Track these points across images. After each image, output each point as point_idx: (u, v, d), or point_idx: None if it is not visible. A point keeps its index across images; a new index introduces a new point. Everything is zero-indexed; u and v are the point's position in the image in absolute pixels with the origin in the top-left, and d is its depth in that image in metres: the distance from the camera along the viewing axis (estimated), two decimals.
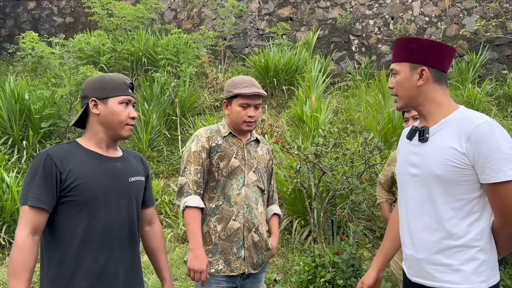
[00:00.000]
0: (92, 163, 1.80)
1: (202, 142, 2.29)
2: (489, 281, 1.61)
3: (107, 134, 1.86)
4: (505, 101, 7.17)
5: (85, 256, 1.74)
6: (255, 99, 2.30)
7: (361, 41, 8.69)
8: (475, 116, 1.61)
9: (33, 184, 1.68)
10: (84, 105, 1.85)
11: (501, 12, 8.06)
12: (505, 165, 1.51)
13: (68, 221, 1.73)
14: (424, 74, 1.69)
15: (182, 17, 9.51)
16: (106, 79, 1.87)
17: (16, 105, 6.48)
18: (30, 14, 10.41)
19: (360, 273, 3.42)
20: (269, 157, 2.51)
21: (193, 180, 2.25)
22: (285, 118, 6.81)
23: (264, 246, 2.32)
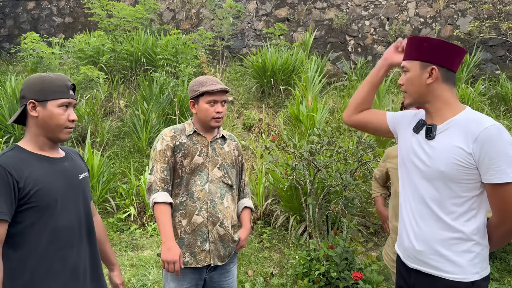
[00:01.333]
0: (43, 166, 1.79)
1: (166, 141, 2.39)
2: (481, 272, 1.71)
3: (46, 137, 1.83)
4: (497, 101, 7.31)
5: (54, 258, 1.76)
6: (221, 95, 2.40)
7: (357, 41, 8.82)
8: (483, 119, 1.67)
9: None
10: (23, 106, 1.81)
11: (495, 14, 8.20)
12: (508, 167, 1.59)
13: (31, 227, 1.71)
14: (433, 73, 1.75)
15: (180, 17, 9.62)
16: (46, 80, 1.81)
17: (17, 104, 6.58)
18: (29, 14, 10.50)
19: (353, 266, 3.55)
20: (237, 153, 2.59)
21: (160, 178, 2.34)
22: (282, 118, 6.93)
23: (230, 239, 2.39)
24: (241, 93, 7.84)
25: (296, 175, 3.92)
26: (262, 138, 6.42)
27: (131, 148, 6.52)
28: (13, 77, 7.08)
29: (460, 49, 1.77)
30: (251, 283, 3.80)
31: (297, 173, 3.92)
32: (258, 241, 4.84)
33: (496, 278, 4.00)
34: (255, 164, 5.80)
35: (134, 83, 8.00)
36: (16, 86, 6.73)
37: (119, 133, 6.85)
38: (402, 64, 1.86)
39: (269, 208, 5.24)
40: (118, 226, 5.15)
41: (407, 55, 1.84)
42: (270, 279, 4.04)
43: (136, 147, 6.50)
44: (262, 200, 5.17)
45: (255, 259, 4.44)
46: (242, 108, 7.47)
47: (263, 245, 4.74)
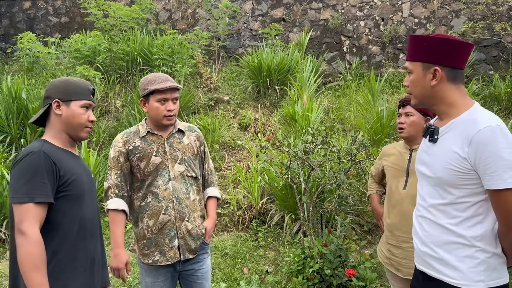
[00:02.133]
0: (71, 161, 1.94)
1: (119, 147, 2.39)
2: (488, 282, 1.60)
3: (68, 134, 1.99)
4: (490, 101, 7.39)
5: (79, 246, 1.89)
6: (171, 93, 2.38)
7: (352, 42, 8.88)
8: (480, 119, 1.57)
9: (36, 181, 1.74)
10: (47, 105, 1.96)
11: (488, 14, 8.29)
12: (505, 172, 1.49)
13: (63, 215, 1.84)
14: (437, 74, 1.66)
15: (176, 17, 9.65)
16: (71, 83, 1.98)
17: (14, 104, 6.59)
18: (25, 13, 10.50)
19: (347, 264, 3.60)
20: (199, 143, 2.56)
21: (114, 184, 2.36)
22: (277, 117, 6.98)
23: (199, 232, 2.45)
24: (237, 93, 7.88)
25: (290, 174, 3.97)
26: (257, 138, 6.46)
27: None
28: (9, 77, 7.10)
29: (466, 44, 1.66)
30: (246, 281, 3.84)
31: (291, 172, 3.97)
32: (254, 239, 4.89)
33: None
34: (250, 164, 5.85)
35: (130, 82, 8.03)
36: (12, 86, 6.74)
37: (116, 133, 6.88)
38: (405, 65, 1.78)
39: (265, 207, 5.29)
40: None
41: (409, 56, 1.75)
42: (265, 276, 4.09)
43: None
44: (258, 199, 5.21)
45: (250, 257, 4.49)
46: (238, 107, 7.51)
47: (258, 244, 4.79)
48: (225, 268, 4.28)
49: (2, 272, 4.17)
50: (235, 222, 5.21)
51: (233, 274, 4.13)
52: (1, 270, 4.21)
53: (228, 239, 4.88)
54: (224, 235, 5.04)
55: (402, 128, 2.61)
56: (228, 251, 4.60)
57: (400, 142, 2.82)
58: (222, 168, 6.16)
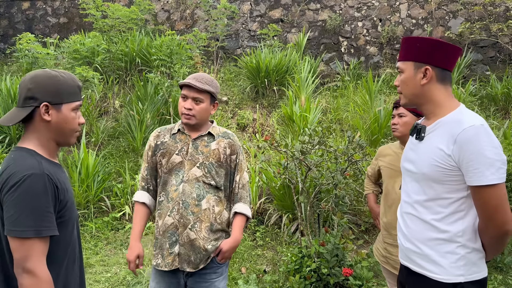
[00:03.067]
0: (62, 176, 1.69)
1: (150, 141, 2.41)
2: (468, 276, 1.67)
3: (56, 141, 1.70)
4: (487, 101, 7.43)
5: (69, 271, 1.70)
6: (191, 91, 2.28)
7: (350, 42, 8.92)
8: (464, 119, 1.64)
9: (42, 211, 1.50)
10: (31, 107, 1.60)
11: (485, 15, 8.33)
12: (487, 169, 1.55)
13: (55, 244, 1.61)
14: (428, 73, 1.72)
15: (175, 18, 9.69)
16: (61, 81, 1.66)
17: (13, 104, 6.61)
18: (24, 14, 10.52)
19: (344, 263, 3.64)
20: (229, 151, 2.37)
21: (142, 177, 2.41)
22: (275, 118, 7.01)
23: (201, 245, 2.23)
24: (235, 93, 7.91)
25: (288, 174, 4.01)
26: (256, 138, 6.50)
27: (126, 148, 6.58)
28: (8, 78, 7.12)
29: (455, 48, 1.74)
30: (244, 280, 3.88)
31: (289, 172, 4.01)
32: (252, 239, 4.92)
33: None
34: (249, 164, 5.88)
35: (128, 83, 8.06)
36: (11, 86, 6.76)
37: (114, 133, 6.91)
38: (397, 65, 1.84)
39: (263, 207, 5.32)
40: (113, 225, 5.21)
41: (402, 56, 1.81)
42: (262, 276, 4.12)
43: (131, 147, 6.55)
44: (256, 199, 5.25)
45: (248, 257, 4.52)
46: (236, 108, 7.55)
47: (256, 243, 4.82)
48: None
49: None
50: None
51: (231, 274, 4.16)
52: None
53: None
54: None
55: (396, 129, 2.66)
56: None
57: (395, 142, 2.86)
58: None
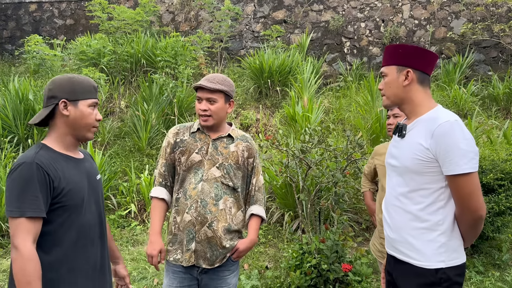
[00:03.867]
0: (70, 167, 1.84)
1: (169, 138, 2.43)
2: (448, 262, 1.82)
3: (73, 136, 1.88)
4: (489, 101, 7.49)
5: (78, 255, 1.82)
6: (205, 92, 2.31)
7: (352, 43, 9.00)
8: (440, 116, 1.80)
9: (28, 194, 1.67)
10: (52, 105, 1.83)
11: (487, 16, 8.38)
12: (461, 159, 1.71)
13: (60, 226, 1.76)
14: (409, 75, 1.89)
15: (179, 19, 9.81)
16: (76, 81, 1.86)
17: (21, 105, 6.75)
18: (31, 16, 10.68)
19: (343, 259, 3.73)
20: (247, 154, 2.43)
21: (159, 173, 2.41)
22: (278, 118, 7.11)
23: (218, 243, 2.29)
24: (239, 93, 8.01)
25: (289, 173, 4.10)
26: (259, 138, 6.59)
27: (132, 148, 6.70)
28: (16, 79, 7.26)
29: (433, 54, 1.92)
30: (246, 275, 3.97)
31: (290, 170, 4.10)
32: None
33: (481, 271, 4.18)
34: None
35: (134, 84, 8.18)
36: (19, 87, 6.91)
37: (120, 133, 7.03)
38: (381, 70, 2.00)
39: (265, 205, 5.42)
40: (119, 222, 5.33)
41: (385, 62, 1.98)
42: (264, 271, 4.22)
43: (136, 146, 6.67)
44: None
45: (251, 254, 4.62)
46: (240, 108, 7.65)
47: (258, 241, 4.92)
48: None
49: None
50: None
51: None
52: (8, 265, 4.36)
53: None
54: None
55: (391, 129, 2.78)
56: None
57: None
58: None
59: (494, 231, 4.14)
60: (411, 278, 1.89)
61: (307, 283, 3.66)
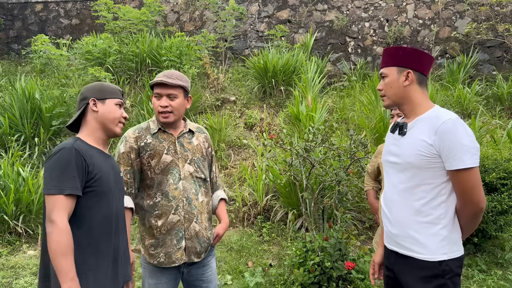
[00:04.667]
0: (101, 159, 2.02)
1: (130, 143, 2.32)
2: (450, 254, 1.89)
3: (103, 131, 2.09)
4: (493, 101, 7.49)
5: (102, 240, 1.95)
6: (164, 88, 2.30)
7: (357, 43, 9.02)
8: (442, 114, 1.89)
9: (67, 175, 1.85)
10: (83, 106, 2.08)
11: (492, 15, 8.38)
12: (464, 155, 1.79)
13: (88, 210, 1.92)
14: (409, 76, 1.97)
15: (184, 19, 9.86)
16: (104, 85, 2.14)
17: (28, 104, 6.83)
18: (37, 16, 10.77)
19: (347, 257, 3.76)
20: (207, 144, 2.53)
21: (124, 181, 2.28)
22: (282, 117, 7.14)
23: (205, 235, 2.39)
24: (243, 93, 8.06)
25: (293, 171, 4.14)
26: (263, 137, 6.63)
27: None
28: (23, 78, 7.34)
29: (430, 56, 2.01)
30: (250, 273, 4.02)
31: (294, 169, 4.14)
32: (258, 235, 5.06)
33: (484, 269, 4.20)
34: (256, 162, 6.02)
35: (139, 83, 8.24)
36: (26, 87, 6.98)
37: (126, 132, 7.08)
38: (381, 71, 2.06)
39: (269, 204, 5.46)
40: None
41: (385, 63, 2.05)
42: (268, 269, 4.26)
43: None
44: (262, 196, 5.38)
45: (254, 252, 4.66)
46: (244, 108, 7.69)
47: (262, 239, 4.96)
48: (230, 261, 4.46)
49: (19, 264, 4.38)
50: (241, 218, 5.38)
51: (238, 267, 4.30)
52: (18, 262, 4.42)
53: (233, 234, 5.06)
54: (229, 230, 5.21)
55: None
56: (233, 245, 4.78)
57: None
58: (228, 166, 6.34)
59: (497, 230, 4.16)
60: (414, 272, 1.95)
61: (310, 280, 3.69)
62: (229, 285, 4.05)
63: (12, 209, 4.87)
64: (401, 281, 2.04)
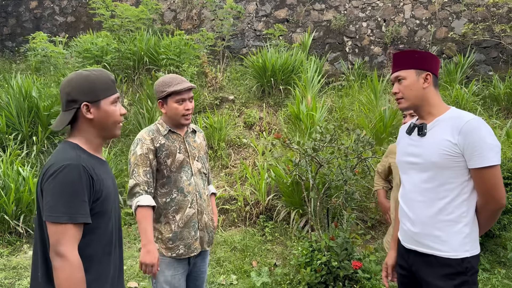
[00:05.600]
0: (101, 170, 1.78)
1: (147, 145, 2.45)
2: (471, 251, 1.95)
3: (100, 137, 1.82)
4: (490, 101, 7.56)
5: (105, 261, 1.77)
6: (188, 93, 2.51)
7: (354, 42, 9.05)
8: (464, 115, 1.96)
9: (76, 199, 1.61)
10: (73, 109, 1.74)
11: (488, 16, 8.45)
12: (489, 153, 1.85)
13: (92, 233, 1.71)
14: (428, 78, 2.04)
15: (181, 17, 9.81)
16: (93, 79, 1.76)
17: (25, 102, 6.74)
18: (32, 13, 10.65)
19: (353, 257, 3.77)
20: (205, 142, 2.77)
21: (144, 181, 2.40)
22: (282, 116, 7.14)
23: (211, 224, 2.64)
24: (241, 92, 8.04)
25: (298, 171, 4.14)
26: (263, 136, 6.62)
27: None
28: (18, 76, 7.25)
29: (438, 59, 2.13)
30: (257, 272, 4.01)
31: (299, 169, 4.14)
32: (261, 234, 5.06)
33: (487, 268, 4.24)
34: (257, 161, 6.01)
35: (137, 82, 8.18)
36: (22, 84, 6.89)
37: (124, 131, 7.04)
38: (397, 74, 2.09)
39: (271, 203, 5.45)
40: (126, 220, 5.35)
41: (401, 66, 2.08)
42: (274, 269, 4.26)
43: None
44: (265, 195, 5.38)
45: (258, 251, 4.66)
46: (243, 107, 7.67)
47: (265, 238, 4.95)
48: (234, 261, 4.45)
49: (21, 264, 4.33)
50: (243, 218, 5.37)
51: (243, 267, 4.30)
52: (20, 262, 4.37)
53: (236, 234, 5.04)
54: (232, 230, 5.20)
55: None
56: (237, 245, 4.77)
57: None
58: (229, 165, 6.33)
59: (501, 229, 4.20)
60: (436, 270, 1.98)
61: (317, 280, 3.70)
62: (235, 285, 4.04)
63: (12, 209, 4.82)
64: (421, 280, 2.06)
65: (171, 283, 2.48)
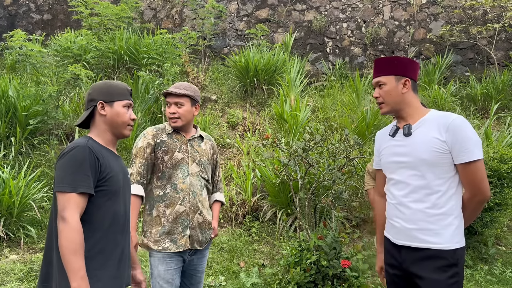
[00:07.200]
0: (112, 159, 2.05)
1: (147, 139, 2.66)
2: (461, 242, 2.05)
3: (112, 133, 2.11)
4: (467, 101, 7.75)
5: (110, 240, 1.97)
6: (173, 97, 2.65)
7: (335, 43, 9.13)
8: (448, 114, 2.08)
9: (81, 173, 1.87)
10: (91, 107, 2.09)
11: (465, 18, 8.66)
12: (475, 148, 1.99)
13: (97, 209, 1.93)
14: (407, 84, 2.15)
15: (161, 16, 9.71)
16: (112, 85, 2.11)
17: (1, 102, 6.55)
18: (6, 10, 10.35)
19: (341, 256, 3.81)
20: (213, 151, 2.88)
21: (137, 172, 2.61)
22: (265, 116, 7.15)
23: (207, 226, 2.71)
24: (224, 92, 8.01)
25: (287, 171, 4.15)
26: (247, 136, 6.62)
27: (118, 146, 6.61)
28: None
29: (417, 64, 2.23)
30: (246, 273, 4.01)
31: (288, 169, 4.15)
32: (247, 234, 5.05)
33: (470, 265, 4.35)
34: (242, 161, 6.00)
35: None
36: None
37: None
38: (378, 80, 2.21)
39: (257, 203, 5.45)
40: None
41: (381, 71, 2.20)
42: (262, 269, 4.26)
43: (123, 144, 6.59)
44: (250, 195, 5.38)
45: (246, 252, 4.65)
46: (226, 107, 7.65)
47: (252, 239, 4.95)
48: (222, 262, 4.43)
49: (3, 269, 4.21)
50: (229, 218, 5.36)
51: (231, 268, 4.28)
52: (2, 267, 4.25)
53: (222, 235, 5.02)
54: (218, 230, 5.18)
55: None
56: (224, 245, 4.75)
57: None
58: None
59: (483, 226, 4.32)
60: (429, 263, 2.05)
61: (306, 279, 3.72)
62: (224, 286, 4.03)
63: None
64: (413, 276, 2.10)
65: (164, 278, 2.58)
